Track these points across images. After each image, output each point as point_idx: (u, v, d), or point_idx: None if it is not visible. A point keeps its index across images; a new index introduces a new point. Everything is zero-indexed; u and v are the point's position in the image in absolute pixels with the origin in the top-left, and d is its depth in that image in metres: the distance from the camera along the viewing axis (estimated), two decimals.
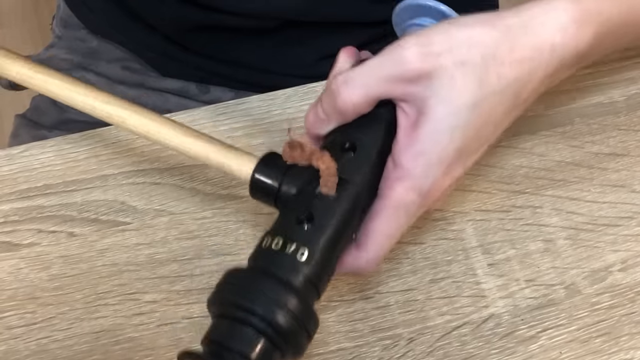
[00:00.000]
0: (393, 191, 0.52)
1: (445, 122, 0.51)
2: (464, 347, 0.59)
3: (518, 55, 0.52)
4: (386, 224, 0.52)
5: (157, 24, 0.81)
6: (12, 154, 0.65)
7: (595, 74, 0.71)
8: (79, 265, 0.61)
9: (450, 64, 0.51)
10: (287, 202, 0.52)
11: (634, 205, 0.65)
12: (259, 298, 0.47)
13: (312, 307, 0.50)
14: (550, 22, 0.53)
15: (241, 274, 0.50)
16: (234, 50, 0.80)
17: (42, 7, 1.79)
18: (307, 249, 0.49)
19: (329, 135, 0.55)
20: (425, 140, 0.51)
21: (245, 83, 0.81)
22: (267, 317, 0.47)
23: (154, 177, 0.64)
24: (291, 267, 0.49)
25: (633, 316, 0.61)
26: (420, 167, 0.51)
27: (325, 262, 0.50)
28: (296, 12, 0.74)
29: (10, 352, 0.58)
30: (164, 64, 0.84)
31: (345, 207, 0.51)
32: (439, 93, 0.51)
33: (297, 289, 0.48)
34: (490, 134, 0.54)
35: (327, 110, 0.54)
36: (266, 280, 0.48)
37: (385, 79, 0.52)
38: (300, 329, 0.48)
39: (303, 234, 0.50)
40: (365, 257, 0.53)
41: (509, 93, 0.52)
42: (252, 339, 0.47)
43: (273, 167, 0.53)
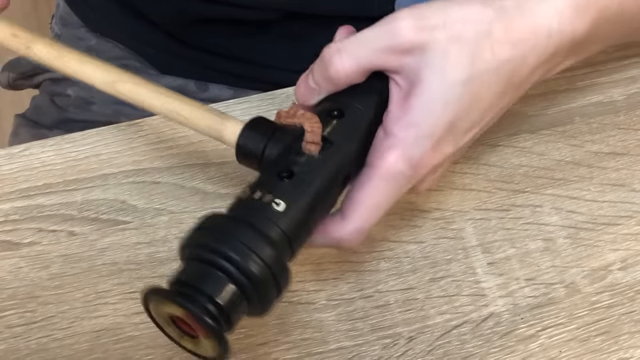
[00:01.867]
0: (383, 160, 0.52)
1: (437, 94, 0.51)
2: (463, 345, 0.59)
3: (513, 36, 0.52)
4: (373, 193, 0.52)
5: (156, 19, 0.81)
6: (12, 153, 0.65)
7: (595, 73, 0.71)
8: (79, 264, 0.61)
9: (444, 38, 0.51)
10: (269, 164, 0.52)
11: (633, 204, 0.65)
12: (234, 244, 0.47)
13: (286, 262, 0.49)
14: (548, 7, 0.53)
15: (218, 219, 0.49)
16: (234, 45, 0.80)
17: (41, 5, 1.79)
18: (284, 202, 0.49)
19: (319, 104, 0.55)
20: (417, 110, 0.51)
21: (245, 78, 0.81)
22: (240, 263, 0.47)
23: (154, 176, 0.65)
24: (268, 217, 0.49)
25: (633, 315, 0.61)
26: (411, 137, 0.51)
27: (302, 220, 0.50)
28: (297, 4, 0.74)
29: (10, 351, 0.58)
30: (164, 61, 0.84)
31: (328, 168, 0.51)
32: (432, 65, 0.51)
33: (272, 240, 0.48)
34: (482, 113, 0.54)
35: (318, 79, 0.54)
36: (242, 227, 0.48)
37: (379, 49, 0.52)
38: (272, 280, 0.48)
39: (282, 188, 0.50)
40: (349, 227, 0.52)
41: (503, 73, 0.52)
42: (222, 283, 0.47)
43: (258, 130, 0.53)
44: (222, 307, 0.47)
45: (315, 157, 0.51)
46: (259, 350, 0.58)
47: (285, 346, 0.59)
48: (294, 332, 0.59)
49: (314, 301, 0.60)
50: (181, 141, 0.66)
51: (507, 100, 0.55)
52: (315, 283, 0.61)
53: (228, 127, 0.54)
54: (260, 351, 0.58)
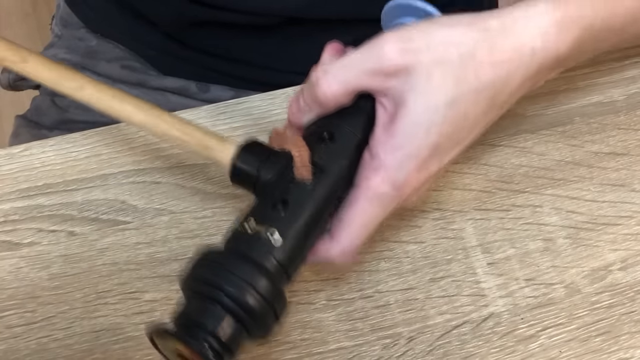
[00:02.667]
0: (368, 181, 0.53)
1: (421, 117, 0.52)
2: (463, 346, 0.59)
3: (497, 56, 0.53)
4: (360, 213, 0.53)
5: (157, 21, 0.81)
6: (12, 153, 0.65)
7: (595, 73, 0.71)
8: (79, 264, 0.61)
9: (428, 61, 0.52)
10: (265, 189, 0.53)
11: (633, 205, 0.65)
12: (230, 278, 0.48)
13: (282, 289, 0.50)
14: (532, 26, 0.53)
15: (214, 253, 0.50)
16: (235, 47, 0.80)
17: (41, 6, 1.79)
18: (279, 233, 0.50)
19: (310, 125, 0.56)
20: (401, 134, 0.52)
21: (246, 80, 0.81)
22: (237, 296, 0.48)
23: (154, 176, 0.65)
24: (263, 249, 0.50)
25: (633, 315, 0.61)
26: (396, 160, 0.52)
27: (297, 248, 0.51)
28: (298, 10, 0.74)
29: (10, 351, 0.58)
30: (164, 62, 0.84)
31: (321, 194, 0.52)
32: (416, 88, 0.52)
33: (267, 271, 0.49)
34: (466, 133, 0.54)
35: (308, 100, 0.55)
36: (238, 261, 0.49)
37: (364, 72, 0.53)
38: (269, 310, 0.49)
39: (277, 219, 0.51)
40: (338, 247, 0.53)
41: (487, 93, 0.53)
42: (221, 317, 0.48)
43: (252, 153, 0.54)
44: (223, 341, 0.48)
45: (308, 184, 0.52)
46: (259, 350, 0.58)
47: (285, 346, 0.59)
48: (293, 332, 0.59)
49: (314, 301, 0.60)
50: None
51: (491, 117, 0.56)
52: (315, 283, 0.61)
53: (223, 147, 0.54)
54: (260, 351, 0.58)
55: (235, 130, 0.66)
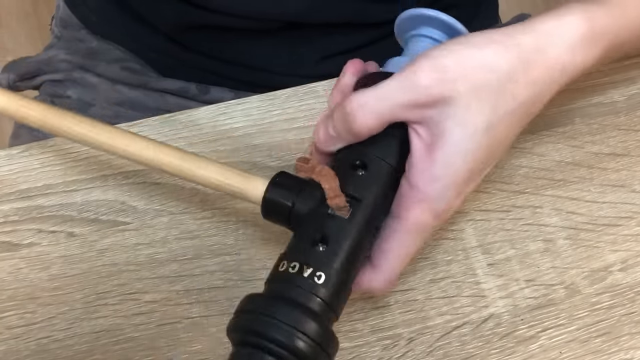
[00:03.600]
0: (410, 213, 0.52)
1: (460, 145, 0.52)
2: (463, 347, 0.59)
3: (531, 76, 0.53)
4: (402, 245, 0.53)
5: (157, 24, 0.81)
6: (12, 154, 0.65)
7: (595, 74, 0.71)
8: (79, 265, 0.61)
9: (466, 89, 0.51)
10: (300, 222, 0.52)
11: (633, 205, 0.65)
12: (278, 325, 0.47)
13: (330, 328, 0.50)
14: (561, 42, 0.53)
15: (259, 300, 0.50)
16: (235, 50, 0.80)
17: (41, 7, 1.79)
18: (323, 272, 0.50)
19: (339, 152, 0.55)
20: (441, 164, 0.52)
21: (246, 83, 0.81)
22: (287, 343, 0.47)
23: (154, 177, 0.64)
24: (308, 291, 0.49)
25: (633, 316, 0.61)
26: (436, 191, 0.52)
27: (341, 284, 0.51)
28: (297, 14, 0.74)
29: (10, 352, 0.58)
30: (164, 64, 0.84)
31: (359, 226, 0.52)
32: (455, 117, 0.51)
33: (315, 313, 0.49)
34: (500, 152, 0.55)
35: (341, 131, 0.54)
36: (284, 305, 0.48)
37: (401, 105, 0.52)
38: (320, 351, 0.48)
39: (318, 257, 0.50)
40: (382, 278, 0.53)
41: (520, 112, 0.53)
42: None
43: (284, 186, 0.53)
44: None
45: (345, 217, 0.51)
46: None
47: None
48: None
49: None
50: (181, 142, 0.66)
51: (522, 129, 0.56)
52: None
53: (253, 183, 0.54)
54: None
55: (235, 131, 0.66)
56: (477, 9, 0.86)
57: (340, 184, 0.52)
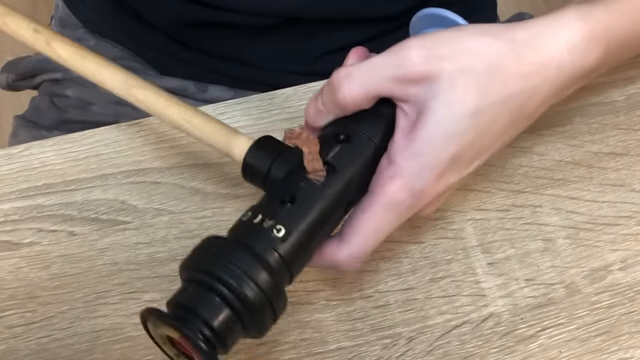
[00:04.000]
0: (385, 188, 0.52)
1: (444, 126, 0.51)
2: (463, 346, 0.59)
3: (524, 68, 0.52)
4: (373, 219, 0.52)
5: (156, 21, 0.81)
6: (12, 153, 0.65)
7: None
8: (79, 264, 0.61)
9: (452, 69, 0.51)
10: (275, 185, 0.52)
11: (633, 205, 0.65)
12: (231, 268, 0.47)
13: (283, 287, 0.50)
14: (560, 39, 0.53)
15: (217, 242, 0.50)
16: (234, 47, 0.80)
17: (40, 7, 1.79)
18: (284, 228, 0.50)
19: (327, 126, 0.55)
20: (422, 141, 0.51)
21: (245, 80, 0.81)
22: (236, 287, 0.47)
23: (154, 176, 0.65)
24: (267, 242, 0.49)
25: (632, 315, 0.61)
26: (414, 168, 0.51)
27: (302, 246, 0.50)
28: (297, 9, 0.74)
29: (10, 351, 0.58)
30: (163, 62, 0.83)
31: (331, 194, 0.52)
32: (439, 96, 0.51)
33: (270, 266, 0.49)
34: (488, 145, 0.54)
35: (327, 102, 0.54)
36: (240, 251, 0.48)
37: (387, 77, 0.52)
38: (267, 304, 0.48)
39: (283, 213, 0.50)
40: (347, 251, 0.52)
41: (511, 106, 0.53)
42: (218, 307, 0.47)
43: (265, 150, 0.53)
44: (217, 331, 0.47)
45: (319, 183, 0.51)
46: (259, 350, 0.58)
47: (285, 346, 0.59)
48: (293, 332, 0.59)
49: (313, 301, 0.60)
50: (181, 141, 0.66)
51: (515, 131, 0.55)
52: (315, 283, 0.61)
53: (237, 143, 0.54)
54: (260, 351, 0.59)
55: None
56: (473, 8, 0.86)
57: (321, 152, 0.52)
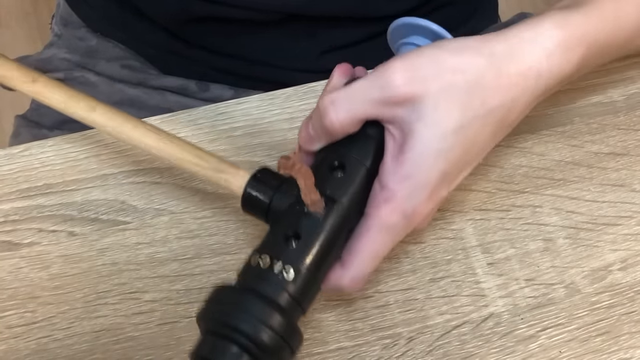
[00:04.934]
0: (379, 211, 0.53)
1: (430, 146, 0.52)
2: (463, 346, 0.59)
3: (503, 81, 0.53)
4: (371, 243, 0.53)
5: (158, 18, 0.81)
6: (12, 154, 0.65)
7: (594, 73, 0.71)
8: (79, 264, 0.61)
9: (435, 89, 0.52)
10: (276, 218, 0.53)
11: (633, 205, 0.65)
12: (245, 316, 0.49)
13: (296, 324, 0.51)
14: (537, 49, 0.54)
15: (228, 291, 0.51)
16: (235, 43, 0.80)
17: (41, 6, 1.79)
18: (292, 268, 0.51)
19: (320, 152, 0.56)
20: (410, 164, 0.52)
21: (246, 77, 0.81)
22: (252, 335, 0.48)
23: (154, 176, 0.65)
24: (277, 285, 0.50)
25: (633, 315, 0.61)
26: (405, 190, 0.52)
27: (310, 281, 0.52)
28: (299, 6, 0.74)
29: (10, 351, 0.58)
30: (164, 61, 0.84)
31: (332, 226, 0.52)
32: (424, 117, 0.52)
33: (281, 307, 0.50)
34: (474, 157, 0.55)
35: (316, 128, 0.55)
36: (252, 298, 0.50)
37: (372, 101, 0.53)
38: (284, 346, 0.49)
39: (289, 253, 0.51)
40: (349, 275, 0.54)
41: (493, 118, 0.53)
42: (237, 356, 0.49)
43: (265, 182, 0.54)
44: None
45: (319, 216, 0.52)
46: None
47: None
48: None
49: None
50: None
51: (499, 139, 0.56)
52: None
53: (234, 176, 0.55)
54: None
55: (235, 131, 0.66)
56: (475, 5, 0.86)
57: (318, 184, 0.52)
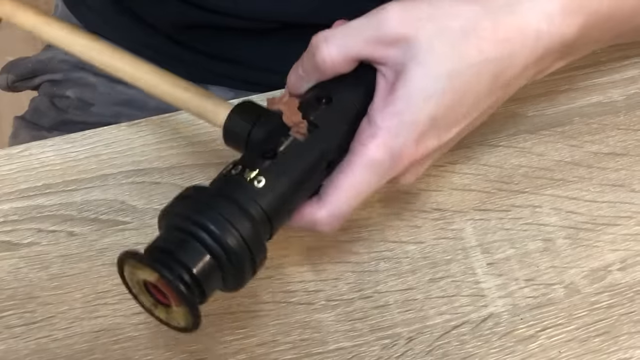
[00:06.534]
0: (364, 147, 0.52)
1: (421, 86, 0.52)
2: (463, 346, 0.59)
3: (501, 34, 0.52)
4: (352, 179, 0.52)
5: (157, 23, 0.81)
6: (11, 154, 0.65)
7: (594, 73, 0.71)
8: (79, 264, 0.61)
9: (429, 31, 0.52)
10: (257, 146, 0.53)
11: (633, 205, 0.65)
12: (213, 216, 0.47)
13: (263, 238, 0.50)
14: (538, 9, 0.53)
15: (199, 191, 0.50)
16: (235, 49, 0.80)
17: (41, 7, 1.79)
18: (265, 180, 0.50)
19: (308, 91, 0.55)
20: (400, 101, 0.52)
21: (245, 82, 0.81)
22: (218, 235, 0.47)
23: (153, 176, 0.65)
24: (248, 193, 0.49)
25: (632, 315, 0.61)
26: (393, 127, 0.52)
27: (282, 200, 0.51)
28: (299, 16, 0.74)
29: (9, 352, 0.58)
30: (164, 64, 0.83)
31: (311, 151, 0.52)
32: (417, 57, 0.51)
33: (251, 216, 0.49)
34: (467, 110, 0.54)
35: (307, 67, 0.55)
36: (222, 200, 0.48)
37: (365, 39, 0.52)
38: (248, 254, 0.48)
39: (265, 166, 0.50)
40: (325, 211, 0.52)
41: (489, 70, 0.53)
42: (199, 253, 0.47)
43: (245, 114, 0.54)
44: (196, 277, 0.47)
45: (300, 139, 0.52)
46: (258, 350, 0.58)
47: (285, 347, 0.59)
48: (293, 332, 0.59)
49: (313, 302, 0.60)
50: (181, 141, 0.66)
51: (494, 100, 0.55)
52: (315, 283, 0.61)
53: (216, 108, 0.55)
54: (259, 351, 0.58)
55: None
56: None
57: (302, 111, 0.52)
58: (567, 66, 0.67)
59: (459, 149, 0.66)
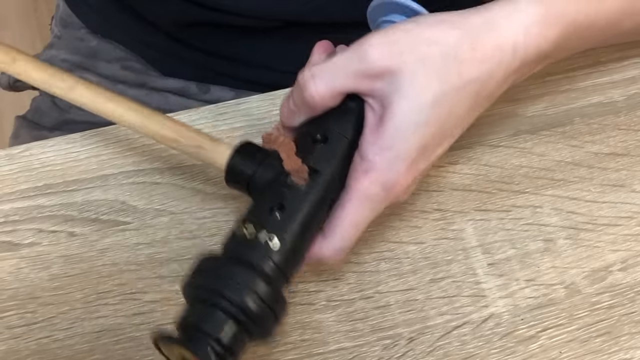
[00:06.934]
0: (359, 183, 0.54)
1: (408, 117, 0.53)
2: (464, 346, 0.59)
3: (479, 54, 0.53)
4: (351, 214, 0.54)
5: (158, 21, 0.81)
6: (12, 154, 0.65)
7: (595, 73, 0.71)
8: (80, 265, 0.61)
9: (411, 62, 0.52)
10: (260, 191, 0.54)
11: (633, 205, 0.65)
12: (230, 283, 0.50)
13: (281, 292, 0.52)
14: (514, 23, 0.54)
15: (214, 259, 0.52)
16: (236, 48, 0.80)
17: (41, 7, 1.79)
18: (277, 237, 0.51)
19: (301, 127, 0.56)
20: (389, 135, 0.53)
21: (246, 81, 0.81)
22: (238, 301, 0.49)
23: (154, 176, 0.65)
24: (262, 254, 0.51)
25: (633, 316, 0.61)
26: (385, 161, 0.53)
27: (294, 250, 0.52)
28: (300, 14, 0.74)
29: (10, 352, 0.58)
30: (165, 63, 0.83)
31: (315, 197, 0.53)
32: (401, 89, 0.52)
33: (267, 275, 0.50)
34: (452, 129, 0.55)
35: (297, 102, 0.56)
36: (238, 266, 0.50)
37: (350, 74, 0.53)
38: (269, 312, 0.50)
39: (274, 223, 0.52)
40: (330, 246, 0.54)
41: (470, 90, 0.54)
42: (222, 321, 0.49)
43: (248, 155, 0.55)
44: (225, 345, 0.49)
45: (303, 187, 0.53)
46: (259, 350, 0.59)
47: (286, 347, 0.59)
48: (294, 332, 0.59)
49: (314, 302, 0.60)
50: None
51: (477, 111, 0.56)
52: (316, 284, 0.61)
53: (218, 150, 0.55)
54: (260, 352, 0.59)
55: (235, 131, 0.66)
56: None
57: (300, 155, 0.53)
58: (567, 66, 0.68)
59: (459, 149, 0.66)
